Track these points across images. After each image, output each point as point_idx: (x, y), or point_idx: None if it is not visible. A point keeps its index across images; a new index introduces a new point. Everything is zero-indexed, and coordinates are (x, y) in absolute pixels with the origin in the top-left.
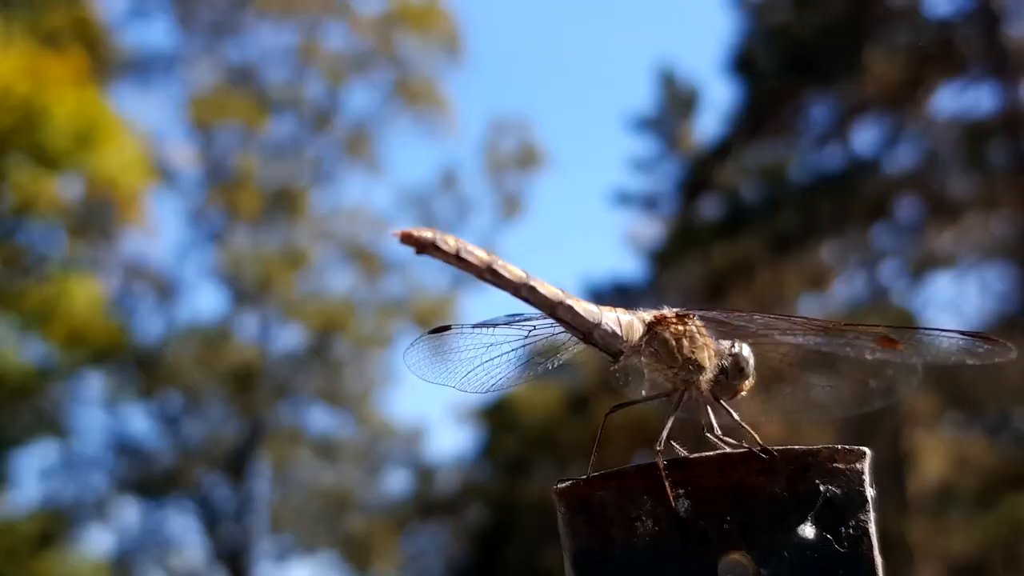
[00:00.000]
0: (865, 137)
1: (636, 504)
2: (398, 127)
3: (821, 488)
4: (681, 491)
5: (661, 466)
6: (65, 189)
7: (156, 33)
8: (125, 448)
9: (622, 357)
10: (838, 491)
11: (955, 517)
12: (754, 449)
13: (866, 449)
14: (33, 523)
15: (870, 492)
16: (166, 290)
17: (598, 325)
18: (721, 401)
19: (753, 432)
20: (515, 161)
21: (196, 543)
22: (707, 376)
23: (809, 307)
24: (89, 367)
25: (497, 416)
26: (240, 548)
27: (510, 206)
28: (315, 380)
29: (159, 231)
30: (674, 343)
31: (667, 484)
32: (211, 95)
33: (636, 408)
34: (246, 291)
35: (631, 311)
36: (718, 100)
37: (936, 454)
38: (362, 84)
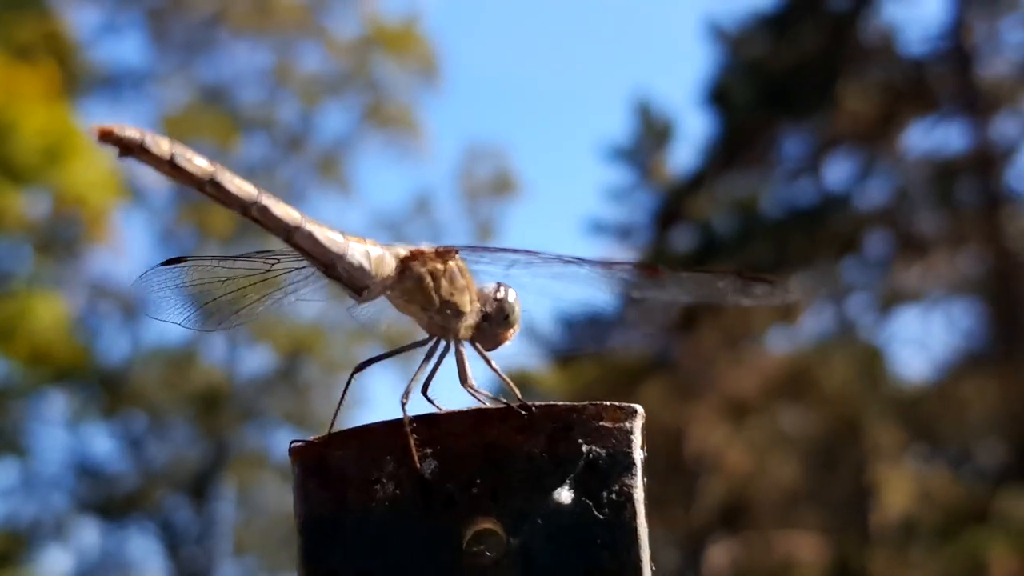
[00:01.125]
0: (837, 172)
1: (378, 465)
2: (372, 151)
3: (584, 449)
4: (429, 451)
5: (407, 422)
6: (32, 205)
7: (128, 50)
8: (86, 469)
9: (366, 293)
10: (602, 452)
11: (917, 550)
12: (512, 404)
13: (638, 407)
14: None
15: (639, 454)
16: (132, 310)
17: (342, 256)
18: (481, 350)
19: (513, 385)
20: (490, 188)
21: (157, 566)
22: (467, 322)
23: (777, 339)
24: (52, 386)
25: None
26: (202, 571)
27: (484, 233)
28: (282, 403)
29: (127, 250)
30: (430, 282)
31: (412, 442)
32: (183, 113)
33: None
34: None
35: (385, 245)
36: (693, 132)
37: (899, 487)
38: (336, 107)
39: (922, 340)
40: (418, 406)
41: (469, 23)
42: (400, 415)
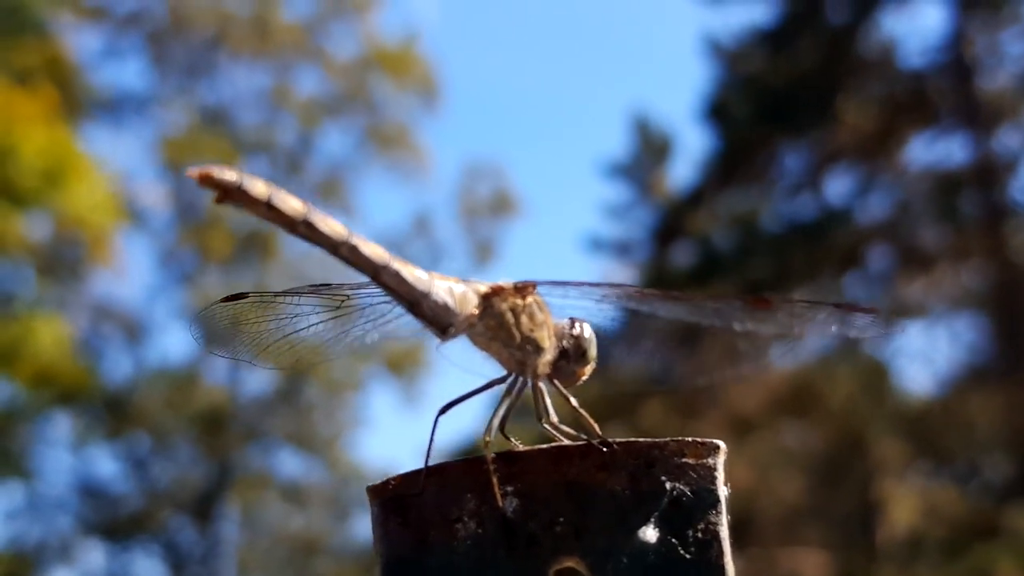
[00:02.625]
0: (838, 186)
1: (458, 503)
2: (371, 172)
3: (667, 486)
4: (510, 488)
5: (489, 460)
6: (33, 228)
7: (129, 73)
8: (91, 490)
9: (451, 331)
10: (686, 489)
11: (924, 567)
12: (593, 441)
13: (720, 442)
14: None
15: (723, 491)
16: (135, 331)
17: (428, 295)
18: (560, 387)
19: (593, 422)
20: (489, 207)
21: None
22: (546, 358)
23: (779, 354)
24: (55, 408)
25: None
26: None
27: (483, 252)
28: (284, 424)
29: (128, 272)
30: (511, 318)
31: (494, 480)
32: (183, 136)
33: None
34: None
35: (466, 281)
36: (692, 147)
37: (905, 503)
38: (336, 128)
39: (926, 355)
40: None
41: (467, 41)
42: (481, 454)
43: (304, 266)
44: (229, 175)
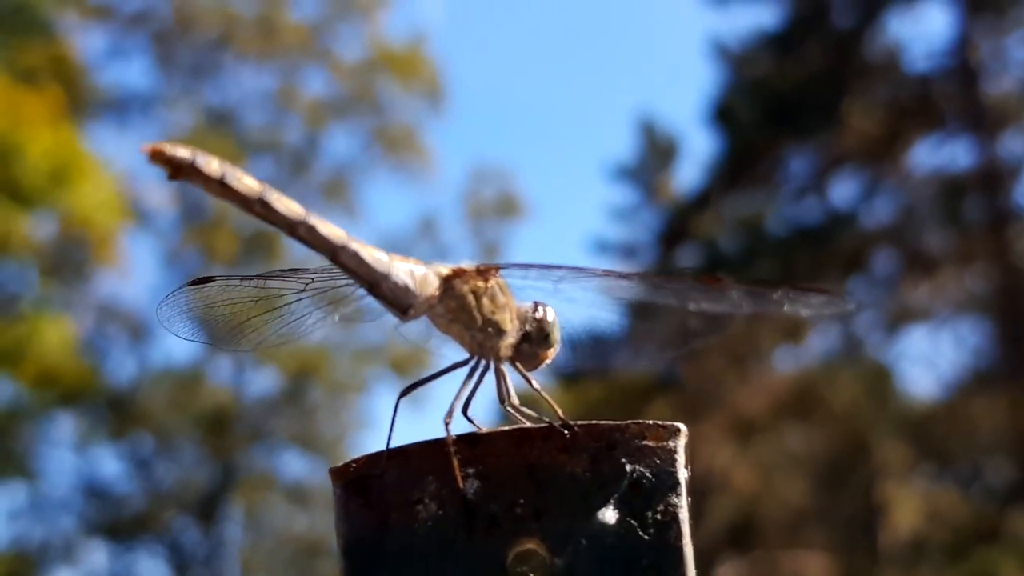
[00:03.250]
0: (843, 190)
1: (420, 485)
2: (377, 173)
3: (628, 468)
4: (471, 470)
5: (450, 442)
6: (38, 228)
7: (135, 73)
8: (95, 491)
9: (411, 312)
10: (646, 472)
11: (926, 570)
12: (555, 424)
13: (681, 425)
14: (0, 566)
15: (683, 474)
16: (139, 332)
17: (387, 276)
18: (522, 370)
19: (555, 405)
20: (495, 209)
21: None
22: (508, 341)
23: (785, 358)
24: (59, 408)
25: None
26: None
27: (489, 254)
28: (289, 425)
29: (133, 272)
30: (472, 301)
31: (455, 462)
32: (189, 136)
33: None
34: None
35: (427, 263)
36: (697, 150)
37: (908, 506)
38: (341, 129)
39: (930, 358)
40: (459, 426)
41: (473, 43)
42: (441, 435)
43: (308, 266)
44: (181, 152)
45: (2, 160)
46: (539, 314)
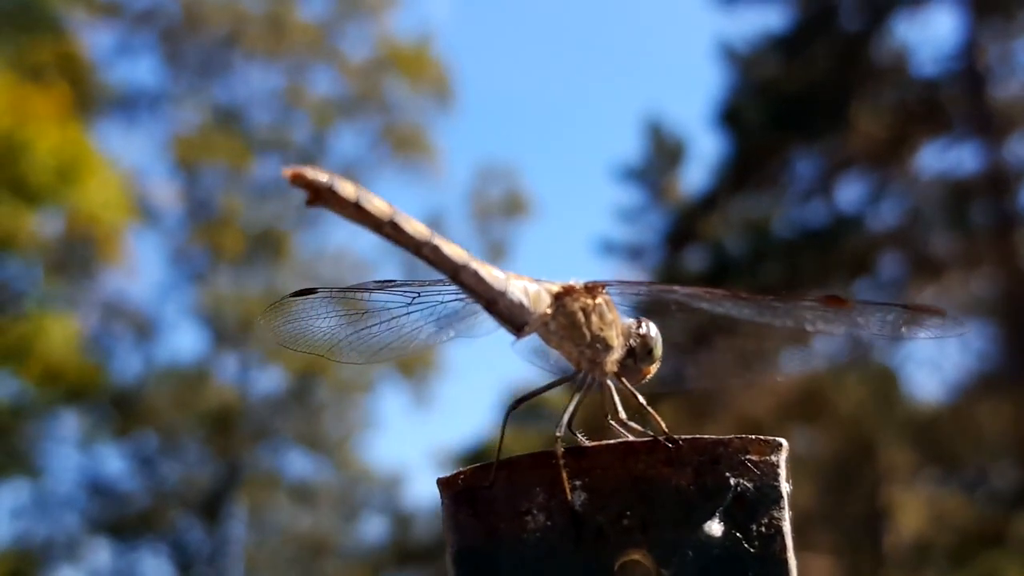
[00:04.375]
0: (850, 193)
1: (528, 496)
2: (385, 172)
3: (731, 481)
4: (578, 482)
5: (558, 454)
6: (45, 225)
7: (142, 71)
8: (99, 488)
9: (527, 329)
10: (750, 485)
11: (931, 573)
12: (659, 437)
13: (783, 440)
14: (3, 563)
15: (785, 487)
16: (145, 329)
17: (504, 293)
18: (628, 384)
19: (659, 419)
20: (501, 208)
21: None
22: (614, 357)
23: (790, 360)
24: (64, 406)
25: (478, 462)
26: None
27: (495, 253)
28: (294, 424)
29: (139, 270)
30: (582, 317)
31: (563, 474)
32: (196, 134)
33: None
34: (227, 332)
35: (538, 281)
36: (705, 152)
37: (913, 510)
38: (349, 128)
39: (936, 362)
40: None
41: (481, 43)
42: (551, 448)
43: (316, 266)
44: (321, 176)
45: (9, 157)
46: (643, 330)
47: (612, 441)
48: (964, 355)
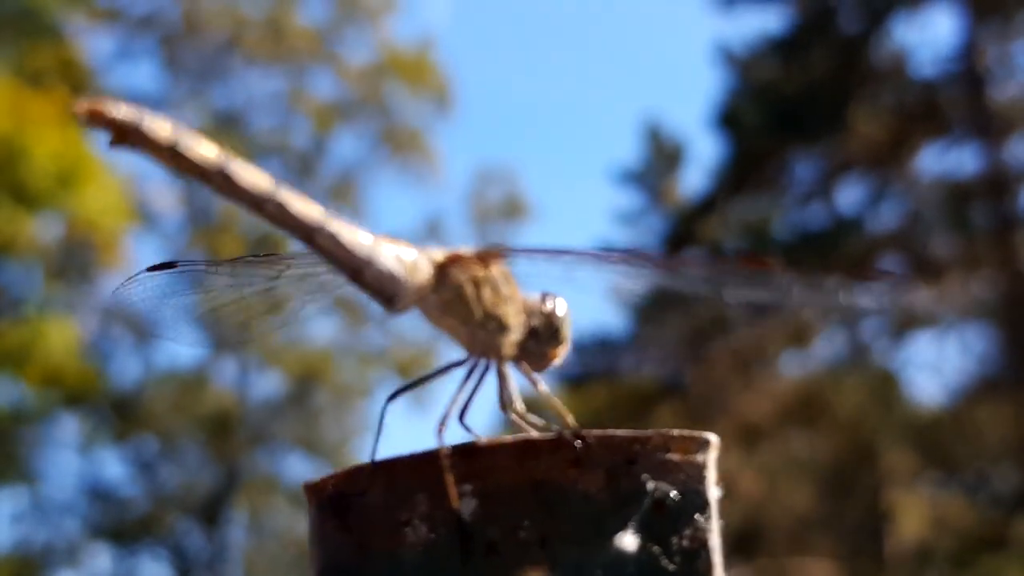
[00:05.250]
0: (849, 195)
1: (408, 505)
2: (384, 175)
3: (649, 486)
4: (468, 488)
5: (443, 455)
6: (44, 230)
7: (142, 76)
8: (98, 493)
9: (399, 303)
10: (671, 490)
11: None
12: (565, 434)
13: (711, 436)
14: (3, 569)
15: (714, 493)
16: (144, 334)
17: (371, 261)
18: (528, 371)
19: (566, 411)
20: (500, 212)
21: None
22: (512, 338)
23: (790, 364)
24: (63, 410)
25: None
26: None
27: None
28: (293, 428)
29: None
30: (471, 291)
31: (450, 478)
32: None
33: None
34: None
35: (420, 248)
36: (703, 155)
37: (914, 513)
38: (349, 132)
39: (936, 365)
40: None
41: (480, 45)
42: (435, 446)
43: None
44: (125, 111)
45: (9, 162)
46: (549, 307)
47: (509, 438)
48: (964, 358)
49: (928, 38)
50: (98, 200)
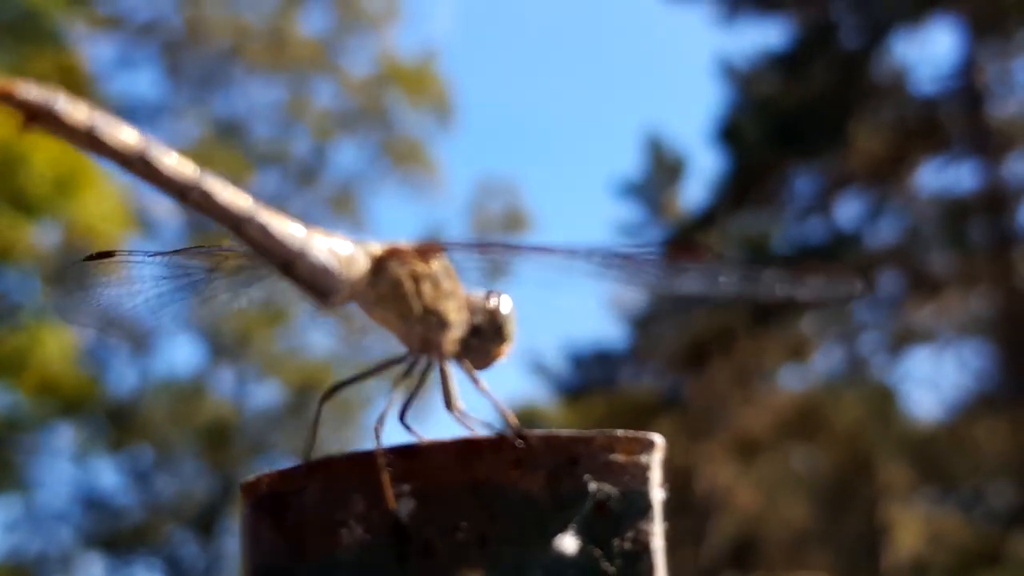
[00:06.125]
0: (848, 210)
1: (344, 505)
2: (385, 186)
3: (591, 487)
4: (406, 488)
5: (380, 454)
6: (42, 237)
7: (143, 83)
8: (93, 502)
9: (333, 299)
10: (614, 492)
11: None
12: (507, 434)
13: (656, 437)
14: None
15: (657, 495)
16: (141, 343)
17: (303, 254)
18: (469, 369)
19: (508, 411)
20: (501, 223)
21: None
22: (453, 335)
23: (789, 378)
24: (59, 419)
25: None
26: None
27: (495, 269)
28: (290, 438)
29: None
30: (411, 286)
31: (386, 478)
32: (196, 147)
33: None
34: (223, 346)
35: (358, 241)
36: (704, 169)
37: (911, 528)
38: (350, 143)
39: (934, 380)
40: (394, 435)
41: (482, 58)
42: (372, 445)
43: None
44: (37, 93)
45: (7, 169)
46: (492, 304)
47: (449, 438)
48: (962, 374)
49: (928, 55)
50: (96, 207)
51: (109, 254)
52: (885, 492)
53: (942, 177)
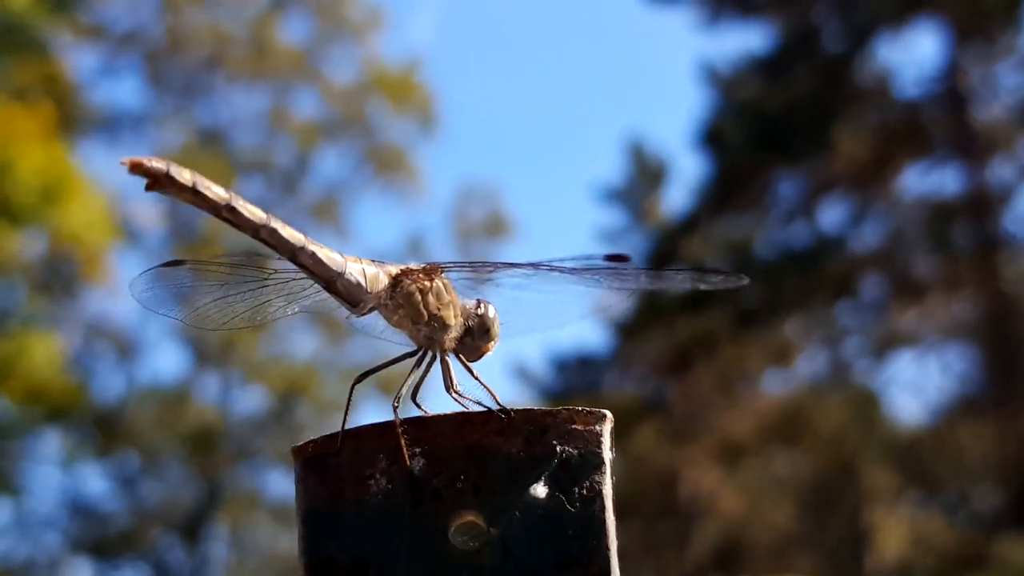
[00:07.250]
0: (832, 214)
1: (371, 463)
2: (367, 193)
3: (558, 448)
4: (418, 450)
5: (398, 424)
6: (28, 245)
7: (126, 92)
8: (80, 508)
9: (363, 307)
10: (574, 452)
11: None
12: (494, 409)
13: (607, 412)
14: None
15: (608, 455)
16: (127, 349)
17: (342, 275)
18: (464, 361)
19: (494, 392)
20: (483, 229)
21: None
22: (452, 335)
23: (772, 382)
24: (46, 425)
25: None
26: None
27: (482, 281)
28: (275, 444)
29: (122, 290)
30: (419, 298)
31: (403, 442)
32: (180, 155)
33: None
34: (208, 353)
35: (378, 264)
36: (687, 173)
37: (894, 532)
38: (333, 150)
39: (918, 384)
40: (408, 410)
41: (464, 64)
42: (392, 418)
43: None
44: (156, 163)
45: None
46: (481, 310)
47: (449, 412)
48: (946, 377)
49: (912, 58)
50: (82, 216)
51: (181, 262)
52: (869, 496)
53: (926, 181)
